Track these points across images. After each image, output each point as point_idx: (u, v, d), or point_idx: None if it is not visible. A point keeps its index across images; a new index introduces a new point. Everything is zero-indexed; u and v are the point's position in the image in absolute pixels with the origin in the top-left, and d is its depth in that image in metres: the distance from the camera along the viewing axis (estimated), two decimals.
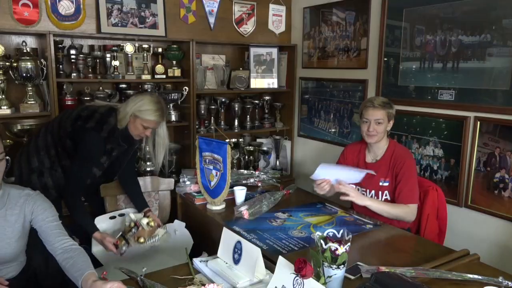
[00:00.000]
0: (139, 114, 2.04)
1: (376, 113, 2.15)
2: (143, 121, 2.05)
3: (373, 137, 2.18)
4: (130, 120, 2.06)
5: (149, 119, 2.05)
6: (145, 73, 3.05)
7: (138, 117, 2.04)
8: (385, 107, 2.16)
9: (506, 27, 2.21)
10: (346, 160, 2.34)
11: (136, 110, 2.04)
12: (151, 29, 3.13)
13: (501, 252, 2.32)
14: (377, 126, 2.15)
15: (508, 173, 2.26)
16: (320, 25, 3.44)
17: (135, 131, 2.09)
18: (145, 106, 2.04)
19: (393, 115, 2.20)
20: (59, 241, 1.57)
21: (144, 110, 2.04)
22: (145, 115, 2.04)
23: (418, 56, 2.67)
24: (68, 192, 2.06)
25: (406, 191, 2.11)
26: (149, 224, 2.08)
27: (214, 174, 2.16)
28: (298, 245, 1.75)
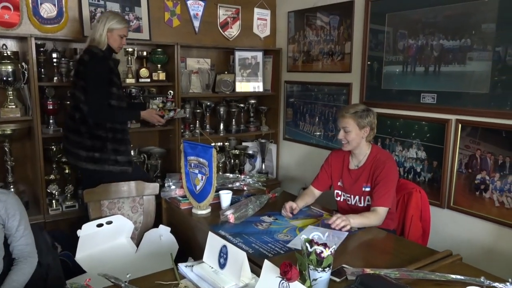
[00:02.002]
0: (114, 27, 2.48)
1: (343, 121, 2.17)
2: (119, 31, 2.50)
3: (345, 145, 2.20)
4: (108, 36, 2.47)
5: (122, 27, 2.52)
6: (129, 77, 3.03)
7: (114, 29, 2.48)
8: (354, 116, 2.15)
9: (485, 32, 2.26)
10: (331, 167, 2.35)
11: (109, 26, 2.47)
12: (135, 33, 3.11)
13: (483, 252, 2.36)
14: (346, 134, 2.17)
15: (489, 175, 2.31)
16: (305, 29, 3.46)
17: (115, 43, 2.52)
18: (114, 19, 2.49)
19: (367, 123, 2.16)
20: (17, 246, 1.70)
21: (114, 21, 2.49)
22: (117, 25, 2.49)
23: (401, 60, 2.71)
24: (101, 116, 2.45)
25: (378, 194, 2.10)
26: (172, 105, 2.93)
27: (199, 178, 2.15)
28: (284, 248, 1.75)
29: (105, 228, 2.17)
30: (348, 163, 2.30)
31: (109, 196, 2.31)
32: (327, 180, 2.35)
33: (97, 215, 2.26)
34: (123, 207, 2.35)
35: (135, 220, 2.36)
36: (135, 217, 2.37)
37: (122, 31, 2.52)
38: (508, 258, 2.26)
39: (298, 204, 2.19)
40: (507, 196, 2.24)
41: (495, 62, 2.23)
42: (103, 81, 2.41)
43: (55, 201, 2.80)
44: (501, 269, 2.24)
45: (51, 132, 2.77)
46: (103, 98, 2.40)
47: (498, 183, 2.28)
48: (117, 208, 2.34)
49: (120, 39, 2.53)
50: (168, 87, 3.19)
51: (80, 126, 2.45)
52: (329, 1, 3.21)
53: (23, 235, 1.70)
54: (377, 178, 2.14)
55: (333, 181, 2.35)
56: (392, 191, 2.12)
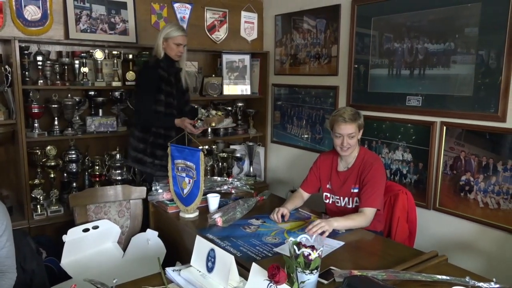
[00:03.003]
0: (168, 36, 2.63)
1: (348, 127, 2.14)
2: (173, 39, 2.63)
3: (348, 151, 2.19)
4: (164, 46, 2.65)
5: (178, 35, 2.64)
6: (116, 80, 3.00)
7: (169, 39, 2.64)
8: (355, 120, 2.16)
9: (468, 36, 2.31)
10: (319, 169, 2.36)
11: (164, 35, 2.64)
12: (122, 36, 3.08)
13: (468, 252, 2.39)
14: (351, 140, 2.17)
15: (473, 176, 2.35)
16: (292, 33, 3.48)
17: (172, 52, 2.67)
18: (169, 29, 2.65)
19: (362, 124, 2.21)
20: None
21: (170, 31, 2.64)
22: (172, 34, 2.63)
23: (386, 63, 2.75)
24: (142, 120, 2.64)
25: (365, 196, 2.11)
26: (217, 113, 2.68)
27: (187, 182, 2.14)
28: (272, 251, 1.75)
29: (91, 233, 2.14)
30: (336, 165, 2.32)
31: (95, 201, 2.29)
32: (315, 182, 2.36)
33: (83, 220, 2.23)
34: (110, 211, 2.33)
35: (122, 224, 2.34)
36: (122, 222, 2.35)
37: (177, 39, 2.64)
38: (493, 258, 2.30)
39: (287, 207, 2.19)
40: (491, 197, 2.28)
41: (478, 65, 2.27)
42: (150, 88, 2.59)
43: (39, 206, 2.76)
44: (485, 268, 2.28)
45: (35, 136, 2.73)
46: (146, 104, 2.59)
47: (482, 184, 2.31)
48: (104, 213, 2.31)
49: (176, 47, 2.65)
50: None
51: (133, 128, 2.75)
52: (315, 5, 3.23)
53: (4, 246, 1.62)
54: (364, 179, 2.16)
55: (322, 183, 2.36)
56: (379, 192, 2.14)
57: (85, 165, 3.02)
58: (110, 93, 3.10)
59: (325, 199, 2.32)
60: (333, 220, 2.01)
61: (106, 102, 3.08)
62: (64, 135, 2.83)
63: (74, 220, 2.24)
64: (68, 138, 2.85)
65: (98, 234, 2.17)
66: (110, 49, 3.02)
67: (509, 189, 2.20)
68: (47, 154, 2.80)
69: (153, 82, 2.60)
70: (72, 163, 2.88)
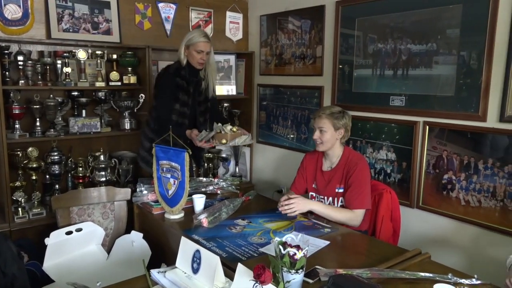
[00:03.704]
0: (189, 43, 2.55)
1: (320, 121, 2.21)
2: (194, 46, 2.54)
3: (319, 145, 2.24)
4: (186, 53, 2.57)
5: (198, 41, 2.53)
6: (99, 80, 2.96)
7: (190, 45, 2.55)
8: (330, 116, 2.20)
9: (449, 37, 2.35)
10: (305, 170, 2.38)
11: (186, 42, 2.56)
12: (105, 35, 3.05)
13: (450, 249, 2.44)
14: (321, 134, 2.20)
15: (455, 175, 2.39)
16: (277, 33, 3.49)
17: (193, 59, 2.57)
18: (191, 35, 2.57)
19: (342, 125, 2.21)
20: None
21: (191, 37, 2.55)
22: (193, 40, 2.54)
23: (370, 63, 2.78)
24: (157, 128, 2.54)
25: (353, 197, 2.15)
26: (231, 129, 2.41)
27: (171, 183, 2.13)
28: (258, 251, 1.75)
29: (75, 235, 2.11)
30: (321, 165, 2.34)
31: (79, 203, 2.26)
32: (303, 183, 2.39)
33: (66, 223, 2.20)
34: (94, 213, 2.30)
35: (106, 226, 2.31)
36: (106, 223, 2.32)
37: (198, 46, 2.55)
38: (474, 255, 2.34)
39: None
40: (472, 195, 2.32)
41: (460, 66, 2.32)
42: (166, 96, 2.55)
43: (21, 208, 2.71)
44: (467, 265, 2.32)
45: (16, 137, 2.68)
46: (161, 111, 2.55)
47: (463, 182, 2.36)
48: (87, 215, 2.28)
49: (198, 54, 2.56)
50: (139, 91, 3.15)
51: (145, 127, 2.76)
52: (300, 5, 3.25)
53: None
54: (349, 180, 2.18)
55: (308, 183, 2.37)
56: (366, 191, 2.17)
57: (68, 166, 2.98)
58: (93, 94, 3.07)
59: (310, 199, 2.34)
60: (313, 203, 2.11)
61: (90, 102, 3.04)
62: (46, 136, 2.79)
63: (56, 222, 2.20)
64: (50, 139, 2.80)
65: (81, 237, 2.14)
66: (93, 49, 2.98)
67: (489, 187, 2.25)
68: (29, 155, 2.75)
69: (169, 90, 2.55)
70: (54, 165, 2.83)
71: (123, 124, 3.14)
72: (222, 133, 2.38)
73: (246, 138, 2.45)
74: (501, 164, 2.19)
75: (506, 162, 2.17)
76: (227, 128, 2.42)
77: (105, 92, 3.06)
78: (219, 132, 2.39)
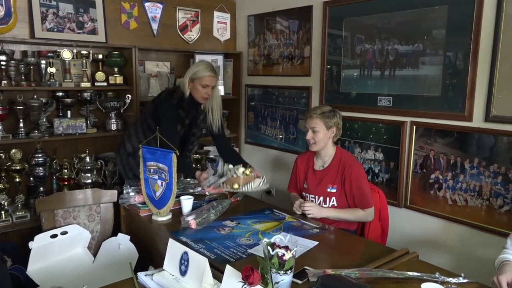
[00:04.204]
0: (195, 76, 2.43)
1: (311, 121, 2.24)
2: (200, 80, 2.42)
3: (312, 146, 2.26)
4: (190, 86, 2.45)
5: (204, 76, 2.41)
6: (85, 81, 2.93)
7: (195, 79, 2.43)
8: (321, 116, 2.23)
9: (435, 37, 2.37)
10: (298, 170, 2.40)
11: (191, 75, 2.44)
12: (90, 35, 3.02)
13: (437, 248, 2.46)
14: (314, 134, 2.23)
15: (442, 174, 2.42)
16: (265, 33, 3.49)
17: (198, 94, 2.45)
18: (196, 68, 2.45)
19: (334, 124, 2.25)
20: None
21: (197, 71, 2.44)
22: (199, 74, 2.42)
23: (358, 64, 2.79)
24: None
25: (359, 200, 2.21)
26: (244, 172, 2.20)
27: (159, 184, 2.11)
28: (246, 253, 1.75)
29: (60, 238, 2.08)
30: (313, 164, 2.35)
31: (64, 205, 2.23)
32: (297, 183, 2.41)
33: (50, 226, 2.16)
34: (79, 216, 2.27)
35: (92, 229, 2.28)
36: (92, 226, 2.29)
37: (204, 80, 2.43)
38: (460, 253, 2.37)
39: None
40: (459, 194, 2.35)
41: (446, 66, 2.34)
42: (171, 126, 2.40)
43: (4, 212, 2.66)
44: (454, 264, 2.35)
45: None
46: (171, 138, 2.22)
47: (450, 182, 2.39)
48: (73, 217, 2.25)
49: (203, 89, 2.44)
50: (126, 91, 3.12)
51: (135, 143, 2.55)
52: (288, 6, 3.26)
53: None
54: (347, 182, 2.20)
55: (300, 183, 2.39)
56: (368, 190, 2.24)
57: (52, 168, 2.94)
58: (78, 94, 3.03)
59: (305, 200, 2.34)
60: (325, 210, 2.19)
61: (75, 103, 3.00)
62: (30, 138, 2.74)
63: (41, 225, 2.17)
64: (34, 140, 2.75)
65: (67, 240, 2.11)
66: (78, 48, 2.95)
67: (475, 186, 2.28)
68: (12, 157, 2.70)
69: (171, 118, 2.43)
70: (38, 167, 2.79)
71: (109, 125, 3.11)
72: (233, 176, 2.21)
73: (260, 182, 2.24)
74: (487, 164, 2.23)
75: (491, 161, 2.21)
76: (239, 171, 2.23)
77: (90, 92, 3.02)
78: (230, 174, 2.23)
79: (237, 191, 2.13)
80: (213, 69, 2.48)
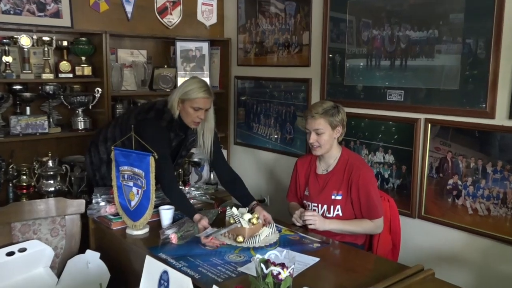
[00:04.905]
0: (185, 96, 2.32)
1: (314, 122, 2.22)
2: (191, 102, 2.31)
3: (317, 149, 2.25)
4: (180, 107, 2.35)
5: (196, 97, 2.30)
6: (46, 72, 2.91)
7: (186, 100, 2.32)
8: (325, 115, 2.22)
9: (453, 22, 2.40)
10: (299, 175, 2.41)
11: (181, 94, 2.33)
12: (53, 18, 3.00)
13: (456, 265, 2.48)
14: (318, 136, 2.22)
15: (461, 179, 2.44)
16: (257, 17, 3.50)
17: (188, 117, 2.36)
18: (188, 88, 2.33)
19: (339, 122, 2.26)
20: None
21: (188, 91, 2.31)
22: (190, 94, 2.31)
23: (364, 52, 2.81)
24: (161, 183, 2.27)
25: (367, 208, 2.22)
26: (251, 221, 2.04)
27: (134, 192, 2.11)
28: (236, 271, 1.75)
29: (17, 256, 2.06)
30: (315, 168, 2.36)
31: (22, 217, 2.21)
32: (298, 191, 2.42)
33: (6, 241, 2.14)
34: (40, 230, 2.25)
35: (55, 245, 2.27)
36: (55, 242, 2.28)
37: (196, 102, 2.32)
38: (483, 271, 2.39)
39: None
40: (480, 202, 2.38)
41: (465, 55, 2.37)
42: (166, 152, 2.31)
43: None
44: (476, 283, 2.37)
45: None
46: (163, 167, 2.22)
47: (470, 188, 2.41)
48: (33, 232, 2.24)
49: (194, 112, 2.33)
50: (95, 84, 3.11)
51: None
52: None
53: None
54: (353, 187, 2.20)
55: (300, 190, 2.40)
56: (378, 198, 2.25)
57: (8, 174, 2.92)
58: (39, 88, 3.01)
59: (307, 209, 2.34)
60: (328, 222, 2.18)
61: (35, 98, 2.99)
62: None
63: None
64: None
65: (26, 258, 2.09)
66: (39, 34, 2.92)
67: (499, 193, 2.31)
68: None
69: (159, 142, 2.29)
70: None
71: (75, 123, 3.09)
72: (238, 225, 2.04)
73: (269, 232, 2.11)
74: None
75: None
76: (244, 218, 2.07)
77: (53, 85, 3.00)
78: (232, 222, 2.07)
79: (241, 245, 1.98)
80: (208, 89, 2.37)
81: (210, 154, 2.54)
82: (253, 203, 2.34)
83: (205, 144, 2.51)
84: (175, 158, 2.57)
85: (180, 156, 2.62)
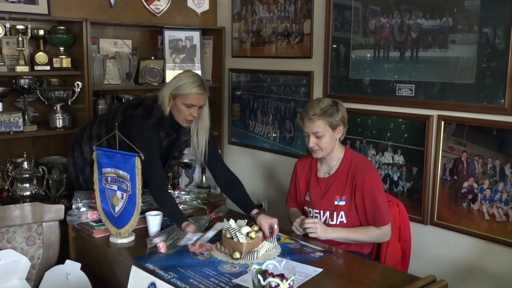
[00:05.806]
0: (177, 92, 2.32)
1: (313, 125, 2.22)
2: (183, 98, 2.32)
3: (318, 152, 2.27)
4: (171, 104, 2.36)
5: (189, 93, 2.31)
6: (21, 64, 2.91)
7: (177, 96, 2.33)
8: (323, 116, 2.22)
9: (468, 10, 2.41)
10: (298, 178, 2.43)
11: (172, 90, 2.33)
12: (28, 5, 3.00)
13: (471, 275, 2.50)
14: (318, 140, 2.23)
15: (477, 182, 2.46)
16: (254, 3, 3.51)
17: (179, 115, 2.37)
18: (180, 82, 2.33)
19: (340, 121, 2.26)
20: None
21: (181, 85, 2.32)
22: (183, 90, 2.31)
23: (372, 43, 2.82)
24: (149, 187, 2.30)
25: (373, 214, 2.23)
26: (249, 235, 2.01)
27: (119, 197, 2.12)
28: (231, 283, 1.75)
29: None
30: (316, 170, 2.37)
31: None
32: (298, 195, 2.43)
33: None
34: (15, 238, 2.26)
35: (31, 255, 2.27)
36: (31, 251, 2.28)
37: (188, 98, 2.32)
38: (501, 281, 2.41)
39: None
40: (498, 207, 2.39)
41: (482, 45, 2.38)
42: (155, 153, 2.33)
43: None
44: None
45: None
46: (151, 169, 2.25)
47: (487, 191, 2.42)
48: (6, 240, 2.24)
49: (186, 109, 2.34)
50: (74, 77, 3.11)
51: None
52: None
53: None
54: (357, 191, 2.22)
55: (301, 196, 2.40)
56: (384, 202, 2.26)
57: None
58: (13, 81, 3.01)
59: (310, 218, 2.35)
60: (331, 230, 2.19)
61: (8, 93, 2.99)
62: None
63: None
64: None
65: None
66: (12, 22, 2.93)
67: None
68: None
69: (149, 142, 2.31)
70: None
71: (53, 121, 3.09)
72: (233, 239, 1.99)
73: (270, 247, 2.05)
74: None
75: None
76: (242, 232, 2.02)
77: (29, 79, 3.00)
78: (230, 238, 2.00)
79: (238, 262, 1.94)
80: (202, 84, 2.38)
81: (205, 156, 2.54)
82: (255, 212, 2.30)
83: (200, 145, 2.51)
84: (167, 159, 2.58)
85: (172, 157, 2.63)
